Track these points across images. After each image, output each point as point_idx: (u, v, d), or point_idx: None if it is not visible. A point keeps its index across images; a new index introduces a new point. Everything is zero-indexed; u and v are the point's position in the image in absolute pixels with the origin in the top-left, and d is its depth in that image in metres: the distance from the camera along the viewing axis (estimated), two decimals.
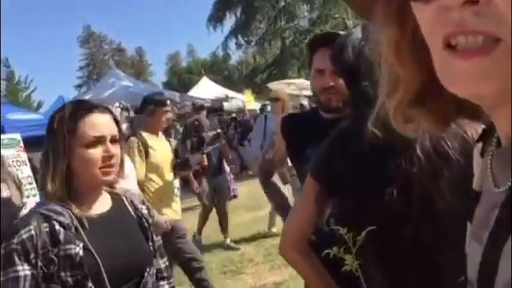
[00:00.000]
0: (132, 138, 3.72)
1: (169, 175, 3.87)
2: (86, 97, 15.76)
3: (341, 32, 2.02)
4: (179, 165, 4.17)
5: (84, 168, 1.45)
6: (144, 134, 3.82)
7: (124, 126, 14.41)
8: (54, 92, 60.59)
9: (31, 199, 4.02)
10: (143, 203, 1.69)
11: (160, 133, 3.99)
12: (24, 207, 4.88)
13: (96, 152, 1.44)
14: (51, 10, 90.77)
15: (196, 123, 6.67)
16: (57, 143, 1.45)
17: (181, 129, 12.69)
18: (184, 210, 9.63)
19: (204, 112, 11.37)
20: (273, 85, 13.82)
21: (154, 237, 1.60)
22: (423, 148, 1.26)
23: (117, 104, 14.69)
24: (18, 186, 6.63)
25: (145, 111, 3.95)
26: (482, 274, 0.51)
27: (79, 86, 51.13)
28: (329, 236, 1.78)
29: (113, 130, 1.50)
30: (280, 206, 2.41)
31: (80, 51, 54.52)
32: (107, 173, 1.47)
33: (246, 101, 20.54)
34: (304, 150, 1.96)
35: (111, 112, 1.55)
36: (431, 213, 1.24)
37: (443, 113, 0.53)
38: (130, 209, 1.60)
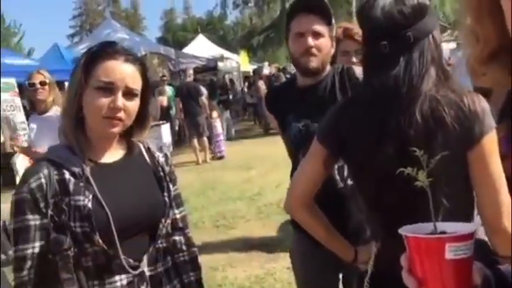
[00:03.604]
0: None
1: None
2: (80, 47, 15.46)
3: None
4: None
5: (89, 113, 1.38)
6: None
7: None
8: (45, 40, 59.14)
9: (25, 145, 4.04)
10: (161, 150, 1.59)
11: None
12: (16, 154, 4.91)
13: (103, 100, 1.35)
14: None
15: None
16: (73, 81, 1.40)
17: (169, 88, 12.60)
18: (175, 164, 9.76)
19: (191, 73, 11.36)
20: None
21: (170, 186, 1.52)
22: (422, 111, 1.32)
23: None
24: (14, 131, 6.65)
25: None
26: None
27: (72, 36, 50.09)
28: (343, 191, 1.88)
29: (131, 82, 1.39)
30: None
31: (73, 0, 53.19)
32: (112, 124, 1.38)
33: (241, 62, 20.39)
34: (286, 117, 2.04)
35: (140, 64, 1.43)
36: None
37: None
38: (146, 156, 1.53)
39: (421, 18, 1.37)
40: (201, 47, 19.78)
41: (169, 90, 12.72)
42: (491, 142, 1.29)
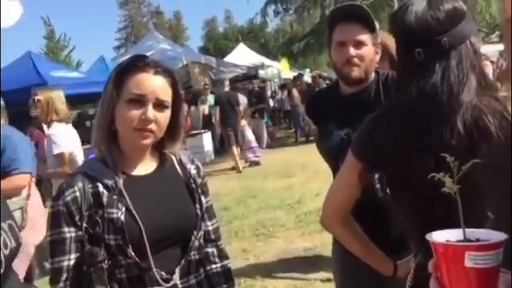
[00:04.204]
0: None
1: None
2: (125, 58, 15.87)
3: (361, 4, 2.00)
4: None
5: (121, 125, 1.40)
6: None
7: None
8: (93, 52, 61.33)
9: None
10: (193, 162, 1.58)
11: None
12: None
13: (134, 112, 1.37)
14: None
15: None
16: (105, 95, 1.43)
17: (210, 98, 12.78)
18: (216, 172, 9.86)
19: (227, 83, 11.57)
20: None
21: (202, 198, 1.52)
22: (464, 121, 1.26)
23: None
24: None
25: None
26: None
27: (118, 48, 51.70)
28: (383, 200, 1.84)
29: (161, 94, 1.40)
30: None
31: (119, 13, 55.00)
32: (143, 136, 1.39)
33: (281, 69, 20.43)
34: (327, 125, 2.01)
35: (169, 76, 1.44)
36: (467, 188, 1.24)
37: None
38: (178, 168, 1.54)
39: (457, 24, 1.31)
40: (242, 56, 19.94)
41: (211, 98, 12.89)
42: None
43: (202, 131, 11.88)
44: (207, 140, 11.84)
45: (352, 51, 1.90)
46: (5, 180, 3.13)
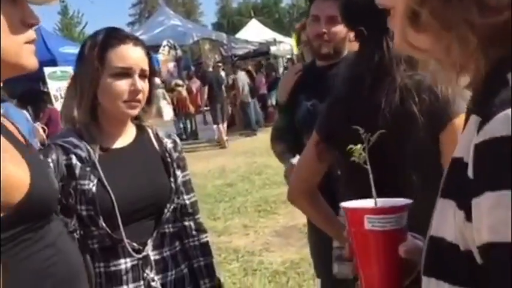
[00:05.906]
0: None
1: None
2: (136, 34, 15.88)
3: None
4: None
5: (109, 99, 1.42)
6: None
7: (171, 64, 14.74)
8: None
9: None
10: (169, 136, 1.62)
11: None
12: None
13: (122, 84, 1.41)
14: None
15: None
16: (86, 70, 1.43)
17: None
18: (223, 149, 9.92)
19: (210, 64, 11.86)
20: None
21: (177, 172, 1.55)
22: (390, 106, 1.27)
23: (165, 43, 14.83)
24: None
25: None
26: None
27: (132, 24, 51.54)
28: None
29: (143, 64, 1.45)
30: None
31: None
32: (132, 106, 1.44)
33: (294, 45, 20.24)
34: (298, 96, 2.06)
35: (144, 46, 1.50)
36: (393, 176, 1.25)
37: None
38: (154, 142, 1.56)
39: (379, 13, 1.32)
40: (254, 32, 19.82)
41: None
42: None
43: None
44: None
45: (323, 27, 1.93)
46: None
